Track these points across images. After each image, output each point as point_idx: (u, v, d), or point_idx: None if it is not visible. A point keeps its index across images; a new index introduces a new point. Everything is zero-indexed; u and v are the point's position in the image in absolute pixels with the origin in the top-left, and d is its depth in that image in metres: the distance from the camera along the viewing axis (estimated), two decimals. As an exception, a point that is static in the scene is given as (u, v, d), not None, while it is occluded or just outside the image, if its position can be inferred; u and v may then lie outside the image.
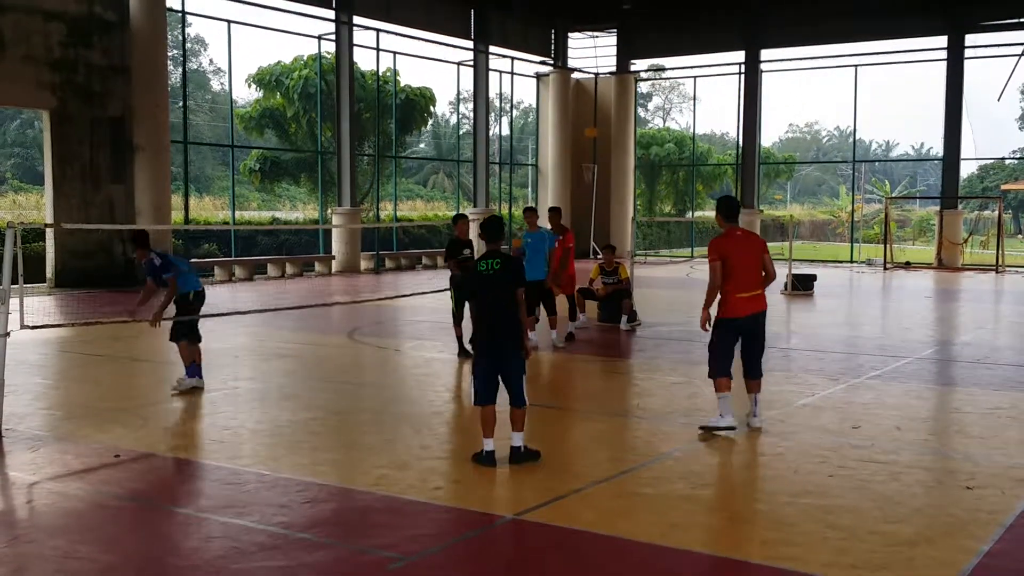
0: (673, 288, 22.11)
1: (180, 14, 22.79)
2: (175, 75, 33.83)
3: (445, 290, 12.46)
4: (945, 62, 28.96)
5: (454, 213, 13.71)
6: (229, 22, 23.90)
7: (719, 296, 7.74)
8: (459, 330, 11.30)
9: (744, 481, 6.62)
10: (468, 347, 10.25)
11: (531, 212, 12.74)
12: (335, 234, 25.99)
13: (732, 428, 7.65)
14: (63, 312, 15.89)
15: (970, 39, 28.74)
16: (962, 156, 29.69)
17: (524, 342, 6.76)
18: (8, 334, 7.79)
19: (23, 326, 9.00)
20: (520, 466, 6.68)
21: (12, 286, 7.79)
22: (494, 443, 6.67)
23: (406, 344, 12.98)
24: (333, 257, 25.86)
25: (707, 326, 7.87)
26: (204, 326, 9.84)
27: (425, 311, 16.35)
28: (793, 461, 6.95)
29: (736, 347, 7.84)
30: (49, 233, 19.61)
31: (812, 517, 5.75)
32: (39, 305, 15.63)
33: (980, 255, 32.70)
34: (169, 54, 22.45)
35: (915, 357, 11.84)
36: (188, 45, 29.10)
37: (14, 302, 8.01)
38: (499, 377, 6.73)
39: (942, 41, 29.07)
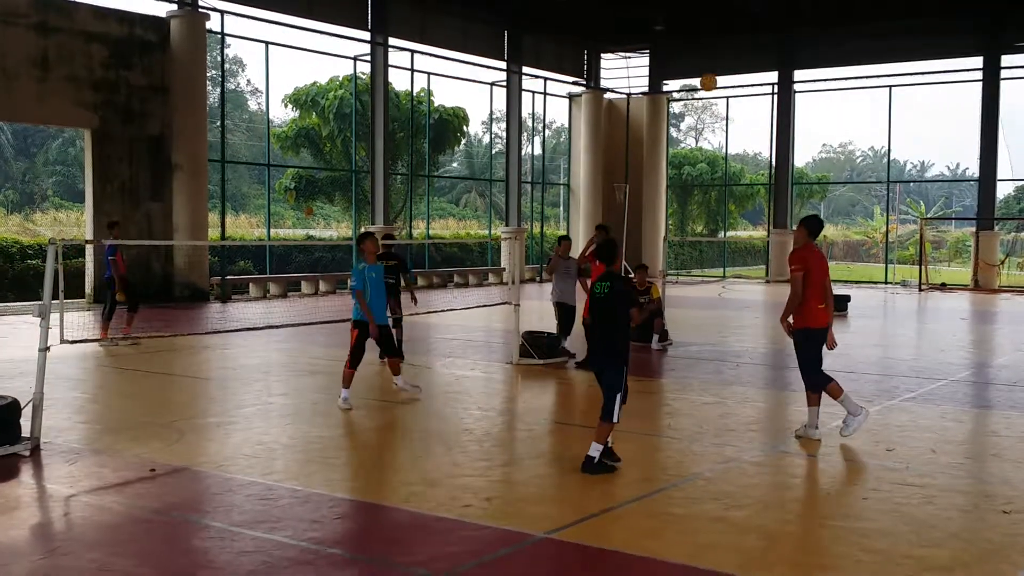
0: (705, 308, 21.99)
1: (219, 36, 23.18)
2: (213, 95, 34.36)
3: (478, 307, 12.45)
4: (981, 82, 28.69)
5: (485, 232, 13.92)
6: (267, 43, 24.27)
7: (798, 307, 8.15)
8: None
9: (776, 502, 6.56)
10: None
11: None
12: (368, 252, 26.13)
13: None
14: (102, 327, 16.10)
15: (1006, 60, 28.46)
16: (998, 176, 29.32)
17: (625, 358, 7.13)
18: (48, 348, 7.94)
19: (63, 340, 9.17)
20: (587, 476, 6.90)
21: (53, 301, 7.95)
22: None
23: (437, 361, 13.03)
24: (366, 275, 25.99)
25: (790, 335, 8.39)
26: (237, 340, 9.94)
27: (456, 328, 16.40)
28: (826, 483, 6.89)
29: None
30: (89, 249, 19.95)
31: (845, 540, 5.69)
32: (78, 320, 15.86)
33: (1017, 276, 32.24)
34: (208, 74, 22.80)
35: (950, 379, 11.69)
36: (226, 66, 29.59)
37: (54, 317, 8.15)
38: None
39: (977, 62, 28.82)
